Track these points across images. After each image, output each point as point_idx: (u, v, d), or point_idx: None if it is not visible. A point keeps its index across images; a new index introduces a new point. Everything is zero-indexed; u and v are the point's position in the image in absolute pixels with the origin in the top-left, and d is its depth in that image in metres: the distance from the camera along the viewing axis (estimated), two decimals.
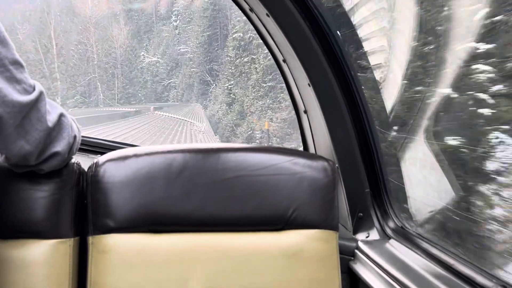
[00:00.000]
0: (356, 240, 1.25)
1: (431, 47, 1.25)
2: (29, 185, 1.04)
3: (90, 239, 1.08)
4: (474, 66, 1.11)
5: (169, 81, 51.32)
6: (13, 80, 0.86)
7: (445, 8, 1.24)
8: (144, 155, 1.15)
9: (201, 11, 44.22)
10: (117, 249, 1.07)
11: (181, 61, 50.45)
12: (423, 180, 1.31)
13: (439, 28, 1.25)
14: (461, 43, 1.18)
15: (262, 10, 1.19)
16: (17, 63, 0.88)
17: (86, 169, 1.14)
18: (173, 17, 52.12)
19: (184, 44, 50.24)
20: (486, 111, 1.11)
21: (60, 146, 0.98)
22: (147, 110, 39.94)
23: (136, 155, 1.14)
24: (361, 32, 1.35)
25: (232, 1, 1.38)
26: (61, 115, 0.98)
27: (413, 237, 1.15)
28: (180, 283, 1.06)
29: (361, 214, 1.28)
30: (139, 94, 51.79)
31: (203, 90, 44.12)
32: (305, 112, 1.39)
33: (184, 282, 1.06)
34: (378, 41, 1.40)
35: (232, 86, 30.71)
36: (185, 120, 31.65)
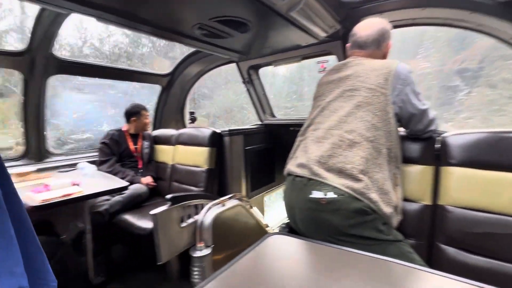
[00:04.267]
0: None
1: None
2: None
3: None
4: None
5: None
6: (418, 99, 0.95)
7: None
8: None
9: None
10: (456, 173, 1.00)
11: None
12: None
13: None
14: None
15: None
16: (419, 93, 0.95)
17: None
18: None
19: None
20: None
21: (433, 126, 0.99)
22: None
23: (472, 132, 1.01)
24: None
25: None
26: (435, 115, 0.98)
27: None
28: None
29: None
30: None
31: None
32: None
33: None
34: None
35: None
36: None
